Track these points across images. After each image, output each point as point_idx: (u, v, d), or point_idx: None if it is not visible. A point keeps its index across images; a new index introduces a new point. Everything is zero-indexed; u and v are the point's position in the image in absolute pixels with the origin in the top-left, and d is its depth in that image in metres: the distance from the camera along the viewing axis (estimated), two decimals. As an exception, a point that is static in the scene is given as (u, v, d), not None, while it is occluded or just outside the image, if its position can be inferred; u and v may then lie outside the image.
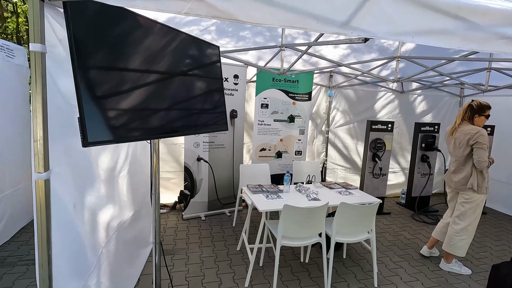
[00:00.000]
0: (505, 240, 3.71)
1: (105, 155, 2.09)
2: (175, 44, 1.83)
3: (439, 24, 1.47)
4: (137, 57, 1.50)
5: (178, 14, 1.21)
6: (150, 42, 1.59)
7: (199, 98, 2.03)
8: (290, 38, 3.65)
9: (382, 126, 4.32)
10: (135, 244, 2.71)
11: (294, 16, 1.32)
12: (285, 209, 2.28)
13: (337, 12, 1.39)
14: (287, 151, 4.34)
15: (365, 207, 2.46)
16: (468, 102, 2.75)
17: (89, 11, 1.23)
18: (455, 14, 1.50)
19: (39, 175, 1.18)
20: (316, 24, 1.39)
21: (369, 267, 2.92)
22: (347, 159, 5.12)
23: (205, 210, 4.00)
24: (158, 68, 1.66)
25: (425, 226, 4.03)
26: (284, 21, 1.35)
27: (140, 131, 1.51)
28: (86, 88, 1.21)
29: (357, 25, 1.42)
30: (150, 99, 1.59)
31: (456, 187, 2.75)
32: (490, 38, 1.57)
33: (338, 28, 1.41)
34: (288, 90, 4.19)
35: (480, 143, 2.54)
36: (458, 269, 2.90)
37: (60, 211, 1.35)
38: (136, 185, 2.64)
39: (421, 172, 4.58)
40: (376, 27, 1.42)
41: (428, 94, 5.28)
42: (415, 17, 1.45)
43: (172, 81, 1.79)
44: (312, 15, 1.35)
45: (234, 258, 2.98)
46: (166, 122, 1.70)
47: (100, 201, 1.98)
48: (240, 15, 1.25)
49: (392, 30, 1.44)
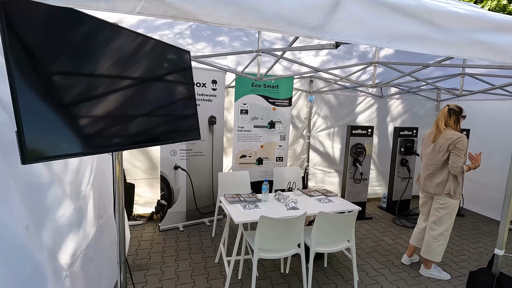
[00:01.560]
0: (482, 242, 3.77)
1: (70, 168, 1.94)
2: (140, 49, 1.71)
3: (413, 29, 1.43)
4: (92, 62, 1.37)
5: (130, 14, 1.09)
6: (109, 46, 1.47)
7: (169, 106, 1.92)
8: (268, 44, 3.59)
9: (362, 131, 4.32)
10: (105, 262, 2.54)
11: (261, 17, 1.23)
12: (262, 220, 2.18)
13: (309, 14, 1.32)
14: (268, 158, 4.27)
15: (344, 216, 2.41)
16: (446, 107, 2.76)
17: (28, 12, 1.11)
18: (427, 19, 1.47)
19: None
20: (287, 27, 1.30)
21: (350, 276, 2.87)
22: (328, 163, 5.10)
23: (184, 220, 3.85)
24: (119, 74, 1.54)
25: (405, 230, 4.04)
26: (251, 22, 1.25)
27: (96, 143, 1.38)
28: (24, 95, 1.08)
29: (329, 29, 1.35)
30: (109, 107, 1.46)
31: (435, 192, 2.75)
32: (464, 44, 1.55)
33: (310, 31, 1.34)
34: (268, 96, 4.13)
35: (458, 148, 2.55)
36: (437, 274, 2.89)
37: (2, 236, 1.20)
38: (101, 196, 2.48)
39: (401, 176, 4.61)
40: (349, 31, 1.36)
41: (406, 98, 5.36)
42: (388, 21, 1.40)
43: (138, 88, 1.67)
44: (282, 16, 1.26)
45: (212, 272, 2.85)
46: (130, 132, 1.58)
47: (63, 219, 1.82)
48: (200, 14, 1.15)
49: (366, 34, 1.38)
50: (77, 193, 2.01)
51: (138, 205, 4.11)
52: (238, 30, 3.42)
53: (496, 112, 4.56)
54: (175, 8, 1.12)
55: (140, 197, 4.12)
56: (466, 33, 1.53)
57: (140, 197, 4.12)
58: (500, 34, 1.61)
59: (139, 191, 4.08)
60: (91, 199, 2.27)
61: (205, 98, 3.77)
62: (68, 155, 1.24)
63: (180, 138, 2.05)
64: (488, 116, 4.68)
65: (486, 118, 4.69)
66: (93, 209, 2.31)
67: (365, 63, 3.47)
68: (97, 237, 2.33)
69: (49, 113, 1.17)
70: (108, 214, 2.68)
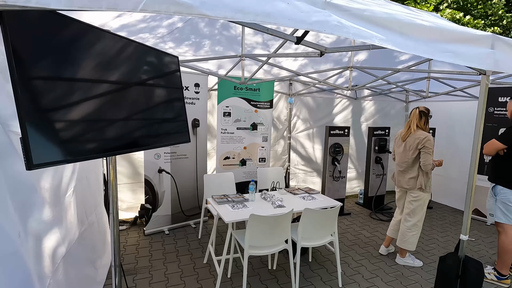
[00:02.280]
0: (449, 231, 4.12)
1: (48, 174, 1.91)
2: (129, 54, 1.75)
3: (389, 36, 1.60)
4: (86, 67, 1.40)
5: (132, 11, 1.12)
6: (100, 51, 1.50)
7: (158, 110, 1.96)
8: (249, 48, 3.71)
9: (339, 131, 4.55)
10: (89, 266, 2.51)
11: (263, 12, 1.29)
12: (252, 218, 2.28)
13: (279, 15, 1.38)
14: (251, 159, 4.37)
15: (328, 211, 2.57)
16: (417, 109, 3.00)
17: (28, 20, 1.13)
18: (399, 30, 1.65)
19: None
20: (288, 21, 1.36)
21: (334, 268, 3.04)
22: (308, 163, 5.30)
23: (169, 223, 3.84)
24: (112, 79, 1.57)
25: (381, 224, 4.32)
26: (253, 16, 1.29)
27: (94, 148, 1.41)
28: (28, 103, 1.10)
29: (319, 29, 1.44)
30: (104, 112, 1.49)
31: (408, 186, 2.99)
32: (434, 52, 1.75)
33: (310, 26, 1.39)
34: (250, 98, 4.23)
35: (427, 147, 2.81)
36: (411, 262, 3.14)
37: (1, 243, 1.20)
38: (84, 201, 2.46)
39: (376, 173, 4.91)
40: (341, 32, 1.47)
41: (378, 100, 5.70)
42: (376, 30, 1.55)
43: (128, 93, 1.70)
44: (282, 12, 1.34)
45: (201, 272, 2.90)
46: (124, 136, 1.61)
47: (45, 225, 1.79)
48: (203, 9, 1.17)
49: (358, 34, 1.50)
50: (56, 200, 1.98)
51: (121, 210, 4.04)
52: (219, 35, 3.50)
53: (458, 112, 4.99)
54: (178, 3, 1.16)
55: (123, 202, 4.05)
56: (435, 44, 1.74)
57: (123, 202, 4.05)
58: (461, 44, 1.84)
59: (121, 196, 4.01)
60: (72, 206, 2.23)
61: (188, 101, 3.80)
62: (69, 161, 1.27)
63: (171, 141, 2.10)
64: (451, 115, 5.11)
65: (449, 117, 5.11)
66: (75, 216, 2.28)
67: (341, 67, 3.68)
68: (78, 243, 2.30)
69: (50, 119, 1.20)
70: (89, 221, 2.64)
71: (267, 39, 3.67)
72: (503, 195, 2.79)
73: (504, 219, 2.79)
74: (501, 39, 1.91)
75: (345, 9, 1.52)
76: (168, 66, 2.07)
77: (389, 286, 2.77)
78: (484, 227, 4.34)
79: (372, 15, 1.59)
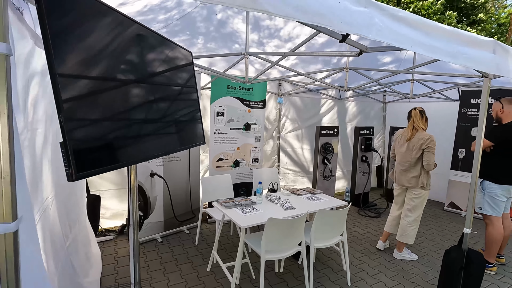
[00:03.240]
0: (432, 224, 4.38)
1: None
2: (152, 48, 1.59)
3: (424, 40, 1.64)
4: (120, 64, 1.24)
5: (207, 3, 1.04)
6: (130, 46, 1.34)
7: (180, 112, 1.81)
8: (244, 46, 3.60)
9: (329, 131, 4.63)
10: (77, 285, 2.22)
11: (319, 13, 1.24)
12: (269, 222, 2.20)
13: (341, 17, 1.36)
14: (244, 160, 4.27)
15: (340, 211, 2.57)
16: (416, 110, 3.15)
17: (66, 6, 0.95)
18: (425, 32, 1.69)
19: (6, 226, 0.84)
20: (340, 24, 1.32)
21: (338, 267, 3.06)
22: (297, 163, 5.33)
23: (161, 230, 3.61)
24: (141, 78, 1.41)
25: (371, 220, 4.47)
26: (311, 16, 1.24)
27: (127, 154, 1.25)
28: (69, 105, 0.93)
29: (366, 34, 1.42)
30: (135, 114, 1.34)
31: (410, 184, 3.10)
32: (456, 54, 1.82)
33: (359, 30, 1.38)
34: (244, 98, 4.13)
35: (431, 148, 2.95)
36: (408, 256, 3.28)
37: (30, 270, 1.00)
38: (68, 214, 2.20)
39: (362, 171, 5.08)
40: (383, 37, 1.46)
41: (360, 100, 5.92)
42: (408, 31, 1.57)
43: (154, 93, 1.54)
44: (337, 15, 1.29)
45: (207, 281, 2.75)
46: (152, 142, 1.46)
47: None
48: (267, 4, 1.11)
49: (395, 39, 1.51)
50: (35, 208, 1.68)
51: (105, 219, 3.71)
52: (215, 31, 3.36)
53: (435, 112, 5.33)
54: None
55: (107, 210, 3.73)
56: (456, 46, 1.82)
57: (107, 210, 3.73)
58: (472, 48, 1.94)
59: (105, 203, 3.68)
60: (52, 216, 1.91)
61: (181, 100, 3.59)
62: (108, 168, 1.10)
63: (190, 143, 1.95)
64: (430, 115, 5.44)
65: (428, 117, 5.45)
66: (60, 226, 2.00)
67: (338, 68, 3.73)
68: (68, 257, 2.04)
69: (88, 124, 1.04)
70: (73, 234, 2.36)
71: (262, 37, 3.60)
72: (490, 190, 3.01)
73: (491, 211, 3.02)
74: (500, 44, 2.04)
75: (383, 9, 1.52)
76: (184, 63, 1.92)
77: (394, 281, 2.86)
78: (460, 218, 4.69)
79: (406, 16, 1.61)
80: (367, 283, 2.80)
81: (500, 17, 16.61)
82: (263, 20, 3.28)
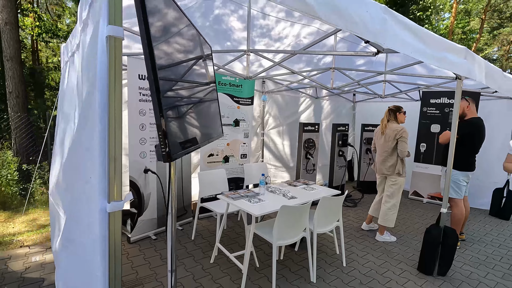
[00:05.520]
0: (402, 211, 4.90)
1: None
2: (200, 49, 1.68)
3: (421, 47, 1.92)
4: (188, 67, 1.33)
5: (273, 2, 1.17)
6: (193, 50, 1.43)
7: (211, 105, 1.87)
8: (235, 43, 3.70)
9: (311, 128, 4.91)
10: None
11: (352, 23, 1.44)
12: (283, 209, 2.35)
13: (367, 26, 1.58)
14: (233, 155, 4.35)
15: (338, 199, 2.81)
16: (388, 108, 3.56)
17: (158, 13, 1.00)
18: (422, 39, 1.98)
19: (116, 204, 0.88)
20: (367, 33, 1.53)
21: (331, 251, 3.32)
22: (278, 158, 5.54)
23: (155, 227, 3.54)
24: (199, 78, 1.51)
25: (350, 209, 4.85)
26: (347, 25, 1.43)
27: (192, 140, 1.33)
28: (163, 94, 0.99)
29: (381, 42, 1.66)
30: (196, 109, 1.44)
31: (388, 172, 3.48)
32: (441, 59, 2.14)
33: (375, 38, 1.60)
34: (233, 94, 4.21)
35: (403, 137, 3.34)
36: (388, 238, 3.67)
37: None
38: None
39: (339, 165, 5.46)
40: (394, 42, 1.70)
41: (333, 100, 6.33)
42: (410, 40, 1.83)
43: (204, 91, 1.64)
44: (367, 26, 1.50)
45: (213, 272, 2.80)
46: (202, 131, 1.53)
47: None
48: (319, 13, 1.28)
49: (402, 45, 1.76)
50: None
51: (91, 219, 3.52)
52: (208, 28, 3.41)
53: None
54: (307, 4, 1.23)
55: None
56: (441, 52, 2.14)
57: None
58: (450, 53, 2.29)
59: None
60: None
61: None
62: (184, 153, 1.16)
63: (215, 135, 2.01)
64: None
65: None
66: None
67: (325, 68, 3.99)
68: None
69: (177, 118, 1.12)
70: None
71: (254, 36, 3.73)
72: (454, 176, 3.51)
73: (455, 194, 3.52)
74: (469, 52, 2.44)
75: (396, 17, 1.76)
76: (209, 56, 1.99)
77: (381, 260, 3.19)
78: (422, 205, 5.31)
79: (411, 24, 1.88)
80: (359, 263, 3.09)
81: (440, 29, 18.80)
82: (257, 19, 3.41)
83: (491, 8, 18.64)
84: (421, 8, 13.07)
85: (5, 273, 2.67)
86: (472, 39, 20.18)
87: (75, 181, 1.20)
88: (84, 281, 1.09)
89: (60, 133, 2.12)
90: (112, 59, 0.81)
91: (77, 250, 1.19)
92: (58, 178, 1.93)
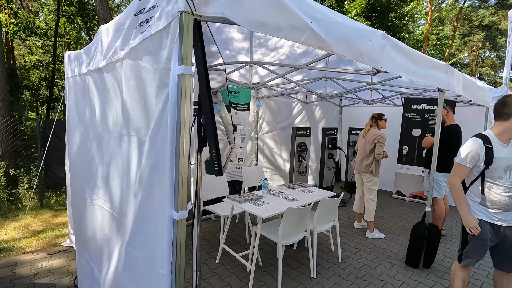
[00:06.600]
0: (386, 210, 5.26)
1: None
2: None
3: (410, 66, 2.19)
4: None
5: (296, 42, 1.35)
6: None
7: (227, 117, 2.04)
8: (233, 53, 3.86)
9: (303, 132, 5.16)
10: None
11: (360, 54, 1.67)
12: (288, 211, 2.55)
13: (375, 55, 1.82)
14: (231, 159, 4.51)
15: (335, 200, 3.06)
16: (371, 115, 3.91)
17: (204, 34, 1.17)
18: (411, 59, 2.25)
19: (182, 213, 1.05)
20: (368, 60, 1.77)
21: (326, 249, 3.57)
22: (272, 162, 5.76)
23: (158, 231, 3.64)
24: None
25: (339, 209, 5.13)
26: (355, 55, 1.67)
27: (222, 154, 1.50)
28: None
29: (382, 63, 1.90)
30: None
31: (364, 170, 3.88)
32: (427, 76, 2.43)
33: (375, 64, 1.84)
34: (231, 101, 4.37)
35: (380, 142, 3.72)
36: (377, 235, 3.98)
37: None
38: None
39: (328, 167, 5.76)
40: (389, 65, 1.96)
41: (322, 104, 6.63)
42: (403, 61, 2.09)
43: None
44: (369, 56, 1.73)
45: (220, 271, 2.96)
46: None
47: None
48: (332, 47, 1.49)
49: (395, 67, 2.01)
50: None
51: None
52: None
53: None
54: (323, 41, 1.44)
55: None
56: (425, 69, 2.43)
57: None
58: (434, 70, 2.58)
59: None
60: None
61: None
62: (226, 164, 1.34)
63: (233, 145, 2.18)
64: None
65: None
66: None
67: (318, 77, 4.24)
68: None
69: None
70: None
71: (252, 46, 3.92)
72: (435, 177, 3.86)
73: (437, 194, 3.87)
74: (449, 67, 2.75)
75: (390, 40, 2.01)
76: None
77: (372, 255, 3.48)
78: (405, 203, 5.70)
79: (403, 47, 2.14)
80: (353, 259, 3.36)
81: (416, 34, 19.81)
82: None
83: (462, 16, 19.88)
84: (398, 16, 13.75)
85: (14, 280, 2.70)
86: (446, 44, 21.43)
87: (141, 192, 1.31)
88: (152, 278, 1.23)
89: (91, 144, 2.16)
90: (184, 93, 0.97)
91: (143, 254, 1.32)
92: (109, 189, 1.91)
